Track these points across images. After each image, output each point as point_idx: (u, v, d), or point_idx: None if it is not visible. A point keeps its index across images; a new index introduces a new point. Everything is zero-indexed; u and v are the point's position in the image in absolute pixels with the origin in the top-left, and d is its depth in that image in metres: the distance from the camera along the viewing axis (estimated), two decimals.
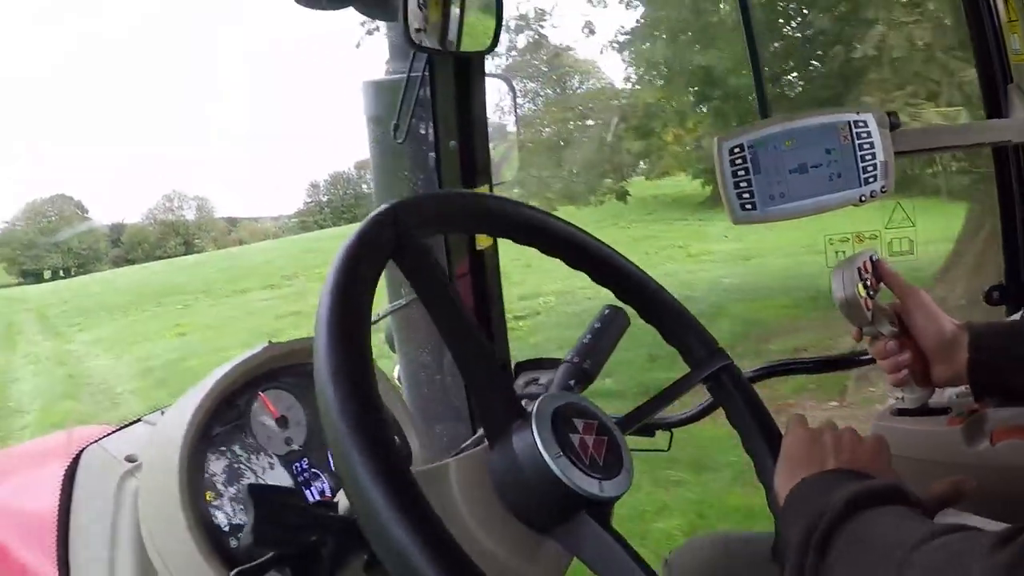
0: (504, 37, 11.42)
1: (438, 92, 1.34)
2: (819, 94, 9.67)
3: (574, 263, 0.91)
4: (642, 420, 0.89)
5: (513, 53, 12.33)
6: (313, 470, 1.02)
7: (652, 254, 13.22)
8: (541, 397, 0.75)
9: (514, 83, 1.58)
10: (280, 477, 0.99)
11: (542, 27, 11.40)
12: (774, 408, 0.94)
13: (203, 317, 14.85)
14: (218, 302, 17.24)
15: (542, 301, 10.12)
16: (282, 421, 1.02)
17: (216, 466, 0.94)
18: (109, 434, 1.07)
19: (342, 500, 0.84)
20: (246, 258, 26.53)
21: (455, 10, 1.29)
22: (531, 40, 11.94)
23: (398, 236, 0.72)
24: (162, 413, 1.10)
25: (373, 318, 1.31)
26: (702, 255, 13.62)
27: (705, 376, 0.95)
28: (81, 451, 1.04)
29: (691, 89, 11.14)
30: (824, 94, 9.49)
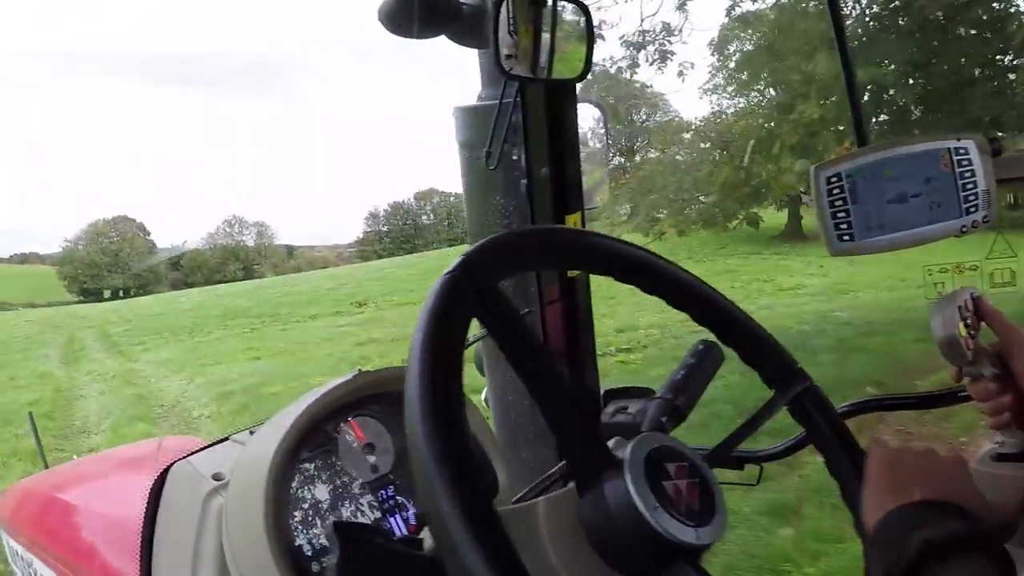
0: (627, 53, 11.36)
1: (529, 118, 1.35)
2: None
3: (650, 289, 0.91)
4: (731, 450, 0.89)
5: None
6: (399, 498, 1.03)
7: (738, 288, 13.18)
8: (633, 442, 0.74)
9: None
10: (366, 503, 1.01)
11: (669, 43, 11.28)
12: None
13: (275, 341, 14.83)
14: (289, 327, 17.31)
15: (643, 334, 10.02)
16: (370, 448, 1.03)
17: (302, 489, 0.96)
18: (198, 450, 1.11)
19: (427, 537, 0.84)
20: (309, 284, 26.88)
21: (546, 36, 1.31)
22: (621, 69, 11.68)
23: (477, 291, 0.71)
24: (251, 433, 1.13)
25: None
26: (795, 289, 13.46)
27: (789, 400, 0.93)
28: (170, 466, 1.07)
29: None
30: None
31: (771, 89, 13.64)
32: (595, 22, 1.36)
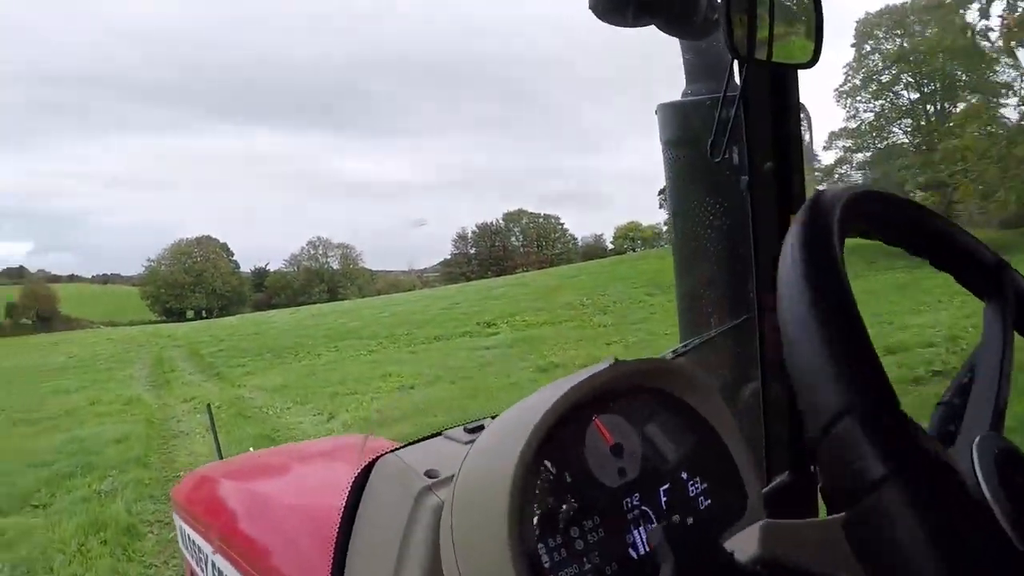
0: None
1: (751, 110, 1.34)
2: None
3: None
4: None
5: None
6: (644, 508, 0.95)
7: (945, 301, 12.88)
8: (976, 441, 0.69)
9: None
10: (610, 511, 0.93)
11: None
12: None
13: (414, 366, 13.53)
14: (415, 349, 16.59)
15: (931, 353, 9.56)
16: (616, 449, 0.95)
17: (543, 493, 0.88)
18: (404, 446, 1.10)
19: (736, 550, 0.82)
20: (414, 304, 27.02)
21: (769, 21, 1.28)
22: None
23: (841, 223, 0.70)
24: (466, 430, 1.12)
25: (682, 349, 1.32)
26: None
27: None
28: (376, 459, 1.06)
29: None
30: None
31: None
32: None
